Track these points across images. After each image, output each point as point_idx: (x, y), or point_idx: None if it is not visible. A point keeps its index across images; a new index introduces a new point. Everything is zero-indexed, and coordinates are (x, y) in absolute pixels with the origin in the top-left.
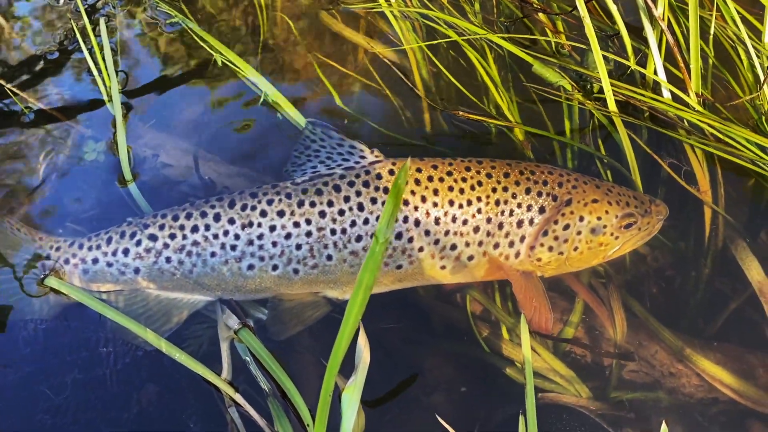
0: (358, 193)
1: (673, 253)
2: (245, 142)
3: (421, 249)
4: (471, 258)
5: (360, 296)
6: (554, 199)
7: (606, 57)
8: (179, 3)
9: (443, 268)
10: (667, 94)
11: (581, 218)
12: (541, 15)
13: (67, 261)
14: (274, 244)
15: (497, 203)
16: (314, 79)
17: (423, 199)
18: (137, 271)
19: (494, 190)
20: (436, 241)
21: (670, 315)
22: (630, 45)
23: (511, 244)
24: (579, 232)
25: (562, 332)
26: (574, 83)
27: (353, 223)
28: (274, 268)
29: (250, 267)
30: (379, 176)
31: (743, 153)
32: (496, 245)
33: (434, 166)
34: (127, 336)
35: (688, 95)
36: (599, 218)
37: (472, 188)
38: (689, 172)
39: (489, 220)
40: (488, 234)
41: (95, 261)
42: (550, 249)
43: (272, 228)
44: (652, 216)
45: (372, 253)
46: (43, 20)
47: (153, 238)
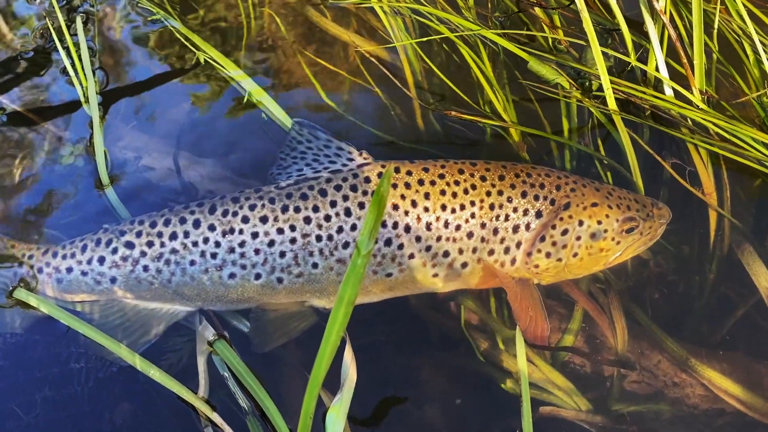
0: (345, 198)
1: (676, 258)
2: (230, 145)
3: (411, 256)
4: (465, 265)
5: (342, 311)
6: (552, 203)
7: (605, 53)
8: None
9: (435, 275)
10: (669, 92)
11: (580, 222)
12: (537, 9)
13: (40, 270)
14: (257, 251)
15: (492, 207)
16: (302, 78)
17: (413, 203)
18: (113, 280)
19: (489, 194)
20: (428, 248)
21: (673, 322)
22: (630, 40)
23: (507, 251)
24: (578, 238)
25: (560, 341)
26: (572, 81)
27: (340, 229)
28: (257, 276)
29: (232, 276)
30: (367, 180)
31: (750, 153)
32: (491, 252)
33: (425, 169)
34: (101, 351)
35: (692, 92)
36: (599, 222)
37: (466, 192)
38: (693, 173)
39: (483, 225)
40: (483, 240)
41: (69, 270)
42: (548, 255)
43: (255, 235)
44: (654, 220)
45: (353, 265)
46: (17, 19)
47: (130, 245)
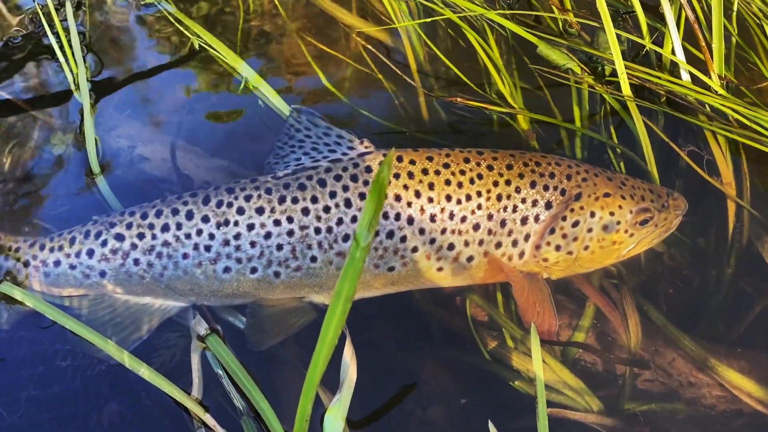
0: (345, 188)
1: (691, 251)
2: (227, 133)
3: (415, 249)
4: (470, 259)
5: (339, 308)
6: (562, 194)
7: (618, 36)
8: None
9: (440, 270)
10: (686, 77)
11: (592, 214)
12: None
13: (27, 263)
14: (253, 244)
15: (499, 198)
16: (302, 63)
17: (417, 194)
18: (103, 274)
19: (496, 184)
20: (432, 241)
21: (688, 319)
22: (645, 23)
23: (515, 243)
24: (590, 230)
25: (570, 339)
26: (583, 66)
27: (340, 221)
28: (253, 270)
29: (227, 270)
30: (368, 169)
31: None
32: (499, 244)
33: (429, 158)
34: (89, 348)
35: (710, 77)
36: (612, 214)
37: (472, 182)
38: (711, 162)
39: (490, 217)
40: (489, 232)
41: (57, 263)
42: (558, 248)
43: (250, 227)
44: (669, 211)
45: (352, 258)
46: (6, 3)
47: (120, 238)
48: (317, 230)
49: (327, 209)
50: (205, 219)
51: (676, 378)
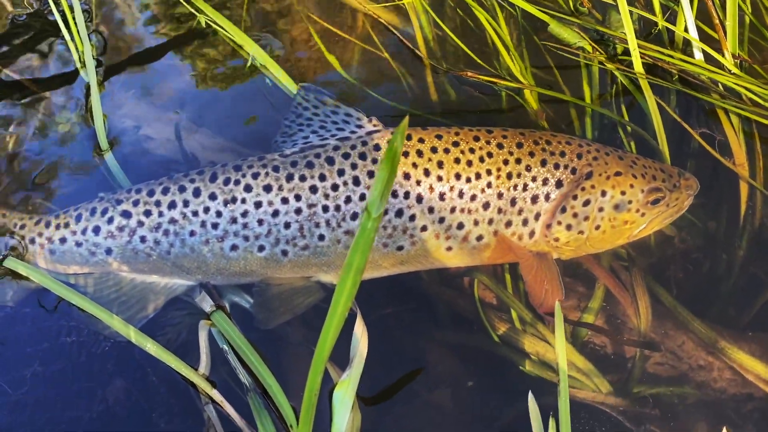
0: (354, 166)
1: (702, 233)
2: (233, 113)
3: (424, 228)
4: (480, 238)
5: (349, 281)
6: (573, 172)
7: (630, 14)
8: None
9: (449, 249)
10: (699, 55)
11: (603, 193)
12: None
13: (32, 240)
14: (260, 222)
15: (509, 176)
16: (309, 43)
17: (426, 172)
18: (109, 251)
19: (506, 162)
20: (441, 219)
21: (697, 302)
22: (658, 2)
23: (525, 222)
24: (601, 209)
25: (580, 321)
26: (594, 44)
27: (348, 199)
28: (260, 249)
29: (234, 248)
30: (377, 147)
31: None
32: (509, 223)
33: (438, 136)
34: (95, 325)
35: (724, 56)
36: (623, 193)
37: (482, 160)
38: (723, 142)
39: (500, 196)
40: (499, 211)
41: (63, 240)
42: (569, 228)
43: (258, 204)
44: (681, 191)
45: (363, 230)
46: None
47: (126, 215)
48: (325, 208)
49: (335, 187)
50: (213, 196)
51: (686, 361)
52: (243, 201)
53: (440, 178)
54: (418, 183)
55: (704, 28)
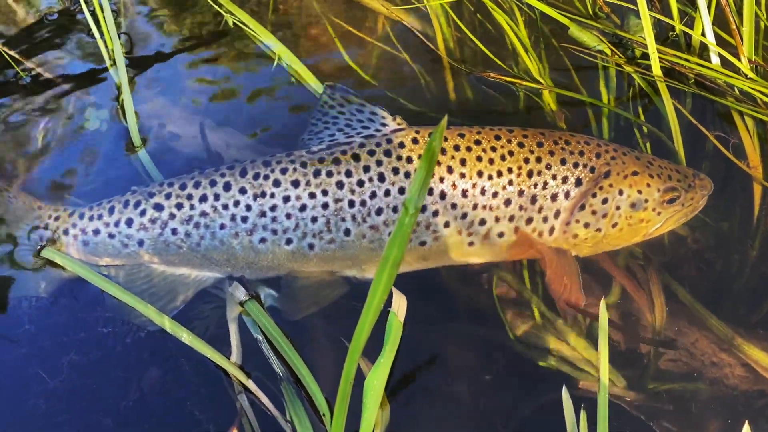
0: (379, 163)
1: (715, 234)
2: (257, 112)
3: (447, 224)
4: (501, 234)
5: (386, 273)
6: (592, 171)
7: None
8: None
9: (471, 245)
10: (716, 60)
11: (621, 192)
12: None
13: (66, 231)
14: (288, 216)
15: (530, 175)
16: (329, 45)
17: (449, 169)
18: (141, 243)
19: (527, 161)
20: (464, 216)
21: (709, 300)
22: (676, 7)
23: (545, 220)
24: (618, 207)
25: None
26: (613, 48)
27: (373, 195)
28: (288, 242)
29: (262, 241)
30: (401, 145)
31: None
32: (529, 220)
33: (461, 135)
34: (128, 315)
35: (740, 60)
36: (640, 192)
37: (503, 158)
38: (737, 145)
39: (521, 193)
40: (520, 208)
41: (96, 232)
42: (587, 225)
43: (286, 199)
44: (696, 191)
45: (400, 225)
46: None
47: (158, 207)
48: (351, 203)
49: (361, 183)
50: (243, 191)
51: (699, 358)
52: (272, 195)
53: (463, 176)
54: (441, 180)
55: (721, 34)
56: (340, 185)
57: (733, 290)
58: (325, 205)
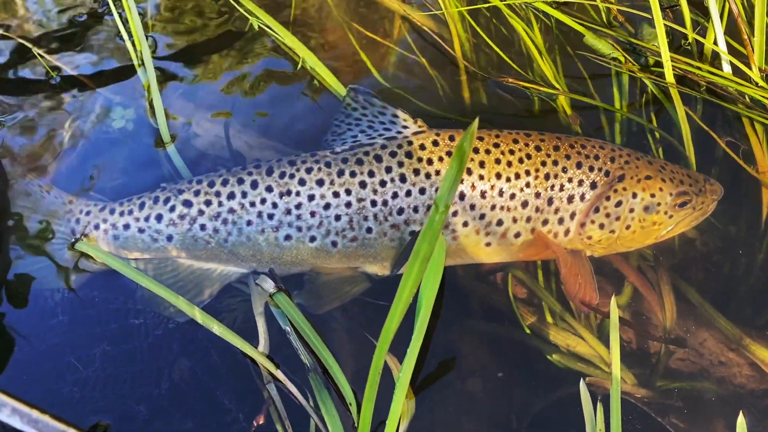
0: (401, 164)
1: (723, 237)
2: (278, 113)
3: (465, 224)
4: (518, 235)
5: (416, 268)
6: (606, 175)
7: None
8: None
9: (488, 245)
10: (727, 68)
11: (634, 195)
12: None
13: (97, 226)
14: (313, 214)
15: (547, 177)
16: (347, 48)
17: (468, 171)
18: (170, 238)
19: (544, 164)
20: (482, 216)
21: (717, 302)
22: (689, 17)
23: (561, 221)
24: (631, 210)
25: (606, 319)
26: (627, 56)
27: (395, 195)
28: (312, 239)
29: (287, 237)
30: (422, 147)
31: None
32: (545, 221)
33: (480, 138)
34: (158, 307)
35: (751, 69)
36: (653, 195)
37: (521, 161)
38: (747, 151)
39: (538, 195)
40: (537, 209)
41: (126, 227)
42: (601, 227)
43: (311, 197)
44: (706, 195)
45: (431, 222)
46: None
47: (187, 204)
48: (373, 203)
49: (383, 183)
50: (269, 189)
51: (707, 358)
52: (297, 194)
53: (482, 177)
54: (461, 181)
55: (732, 43)
56: (363, 185)
57: (740, 292)
58: (348, 204)
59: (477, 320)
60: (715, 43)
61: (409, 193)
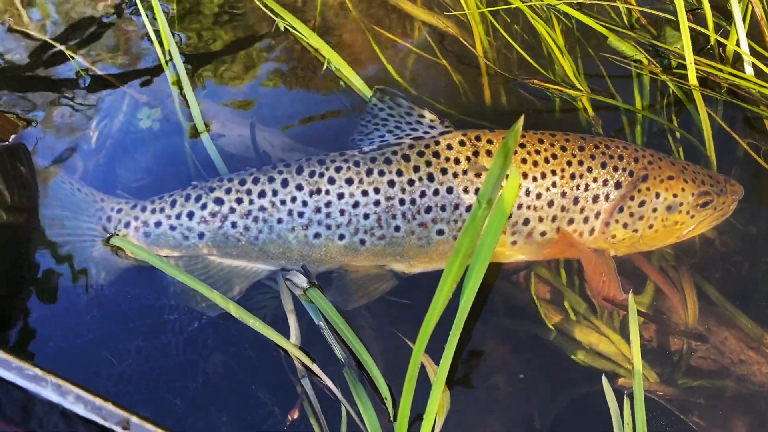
0: (428, 164)
1: (743, 237)
2: (302, 114)
3: None
4: (543, 234)
5: (457, 263)
6: (631, 175)
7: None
8: None
9: (514, 243)
10: (749, 70)
11: (657, 195)
12: None
13: (128, 224)
14: (342, 212)
15: (573, 177)
16: (367, 50)
17: None
18: (201, 236)
19: (569, 164)
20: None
21: (736, 301)
22: (711, 19)
23: (586, 220)
24: (654, 210)
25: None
26: (650, 58)
27: (422, 194)
28: (341, 237)
29: (317, 235)
30: (449, 147)
31: None
32: (571, 221)
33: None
34: (190, 302)
35: None
36: (675, 195)
37: (546, 161)
38: (767, 151)
39: (564, 194)
40: (563, 209)
41: (158, 224)
42: (625, 226)
43: (340, 196)
44: (727, 195)
45: (473, 218)
46: None
47: (219, 201)
48: (401, 201)
49: (411, 182)
50: (299, 187)
51: (727, 356)
52: (327, 192)
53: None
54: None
55: (754, 46)
56: (391, 184)
57: (759, 292)
58: (376, 203)
59: (501, 318)
60: (738, 45)
61: (436, 192)
